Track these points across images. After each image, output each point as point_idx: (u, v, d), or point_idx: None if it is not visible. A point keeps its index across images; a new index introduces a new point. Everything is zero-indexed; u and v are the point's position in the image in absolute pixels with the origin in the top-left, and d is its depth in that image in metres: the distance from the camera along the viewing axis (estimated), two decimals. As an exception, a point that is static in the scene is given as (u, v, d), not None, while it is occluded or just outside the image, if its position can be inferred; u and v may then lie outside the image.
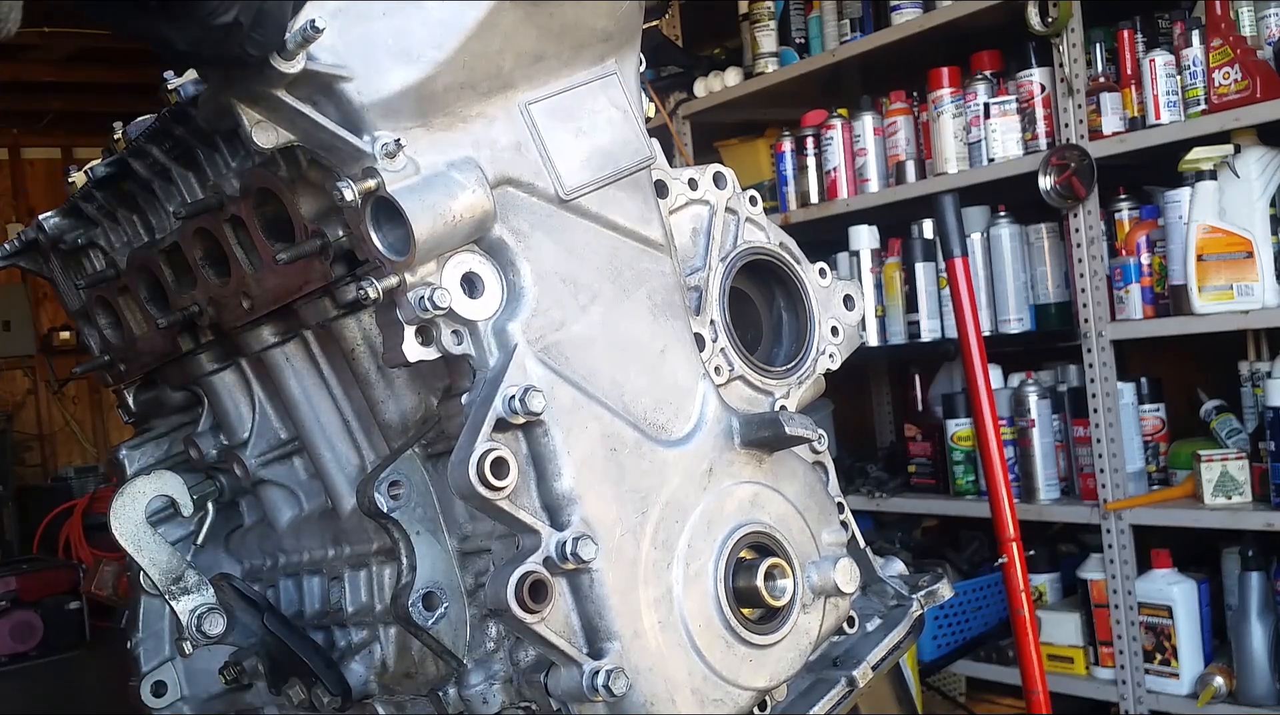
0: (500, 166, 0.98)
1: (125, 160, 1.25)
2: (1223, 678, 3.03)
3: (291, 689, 1.18)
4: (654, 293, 1.06)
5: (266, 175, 1.06)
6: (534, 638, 0.95)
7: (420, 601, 1.10)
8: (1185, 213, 2.98)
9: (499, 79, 0.99)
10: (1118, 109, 3.15)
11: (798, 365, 1.24)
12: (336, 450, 1.26)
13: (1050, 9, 3.15)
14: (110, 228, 1.36)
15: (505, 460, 0.94)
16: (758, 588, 1.03)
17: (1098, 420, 3.20)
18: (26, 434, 10.01)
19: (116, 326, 1.42)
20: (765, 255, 1.24)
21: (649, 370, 1.05)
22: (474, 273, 0.97)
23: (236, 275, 1.16)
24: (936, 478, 3.76)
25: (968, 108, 3.47)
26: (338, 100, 0.92)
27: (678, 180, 1.19)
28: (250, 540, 1.43)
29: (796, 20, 4.05)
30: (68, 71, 8.45)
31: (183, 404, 1.46)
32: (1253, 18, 2.96)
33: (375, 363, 1.17)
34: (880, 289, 3.77)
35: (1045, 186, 3.22)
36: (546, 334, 0.99)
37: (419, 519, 1.12)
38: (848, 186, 3.85)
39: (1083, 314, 3.26)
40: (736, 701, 1.03)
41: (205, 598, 1.23)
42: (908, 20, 3.56)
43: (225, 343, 1.29)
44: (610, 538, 0.97)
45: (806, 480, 1.13)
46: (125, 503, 1.28)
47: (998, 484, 2.47)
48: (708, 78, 4.24)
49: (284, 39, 0.86)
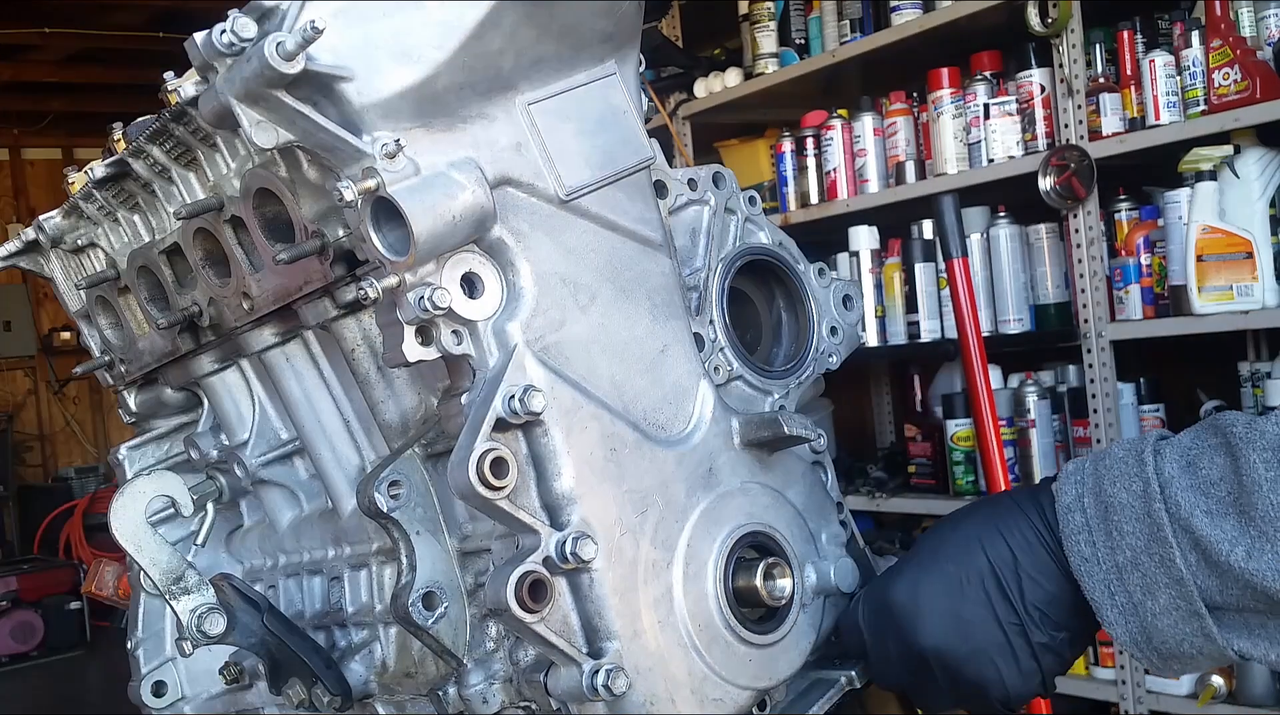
0: (500, 167, 0.98)
1: (125, 160, 1.25)
2: (1222, 678, 3.03)
3: (292, 689, 1.18)
4: (654, 293, 1.07)
5: (266, 175, 1.06)
6: (534, 637, 0.95)
7: (420, 601, 1.10)
8: (1185, 213, 2.98)
9: (499, 79, 0.99)
10: (1117, 109, 3.15)
11: (797, 365, 1.24)
12: (337, 450, 1.27)
13: (1050, 9, 3.15)
14: (110, 228, 1.36)
15: (505, 460, 0.94)
16: (757, 587, 1.03)
17: (1097, 421, 3.20)
18: (27, 434, 10.03)
19: (117, 327, 1.42)
20: (765, 255, 1.24)
21: (649, 370, 1.05)
22: (474, 273, 0.97)
23: (237, 276, 1.17)
24: (936, 478, 3.76)
25: (967, 108, 3.48)
26: (338, 100, 0.92)
27: (677, 180, 1.20)
28: (251, 540, 1.43)
29: (796, 21, 4.06)
30: (68, 71, 8.47)
31: (183, 404, 1.46)
32: (1253, 18, 2.96)
33: (375, 363, 1.17)
34: (880, 289, 3.77)
35: (1045, 187, 3.22)
36: (546, 334, 0.99)
37: (419, 519, 1.12)
38: (847, 187, 3.85)
39: (1082, 314, 3.26)
40: (736, 701, 1.03)
41: (205, 598, 1.23)
42: (908, 21, 3.56)
43: (225, 343, 1.29)
44: (610, 537, 0.97)
45: (806, 480, 1.14)
46: (125, 503, 1.28)
47: (998, 484, 2.47)
48: (708, 78, 4.24)
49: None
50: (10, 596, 7.28)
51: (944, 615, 0.95)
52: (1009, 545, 0.94)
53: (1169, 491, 0.86)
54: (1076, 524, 0.91)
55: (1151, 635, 0.89)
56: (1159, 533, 0.86)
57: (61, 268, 1.45)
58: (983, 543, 0.95)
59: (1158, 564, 0.86)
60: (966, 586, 0.94)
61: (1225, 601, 0.85)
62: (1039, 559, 0.94)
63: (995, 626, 0.94)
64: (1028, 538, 0.94)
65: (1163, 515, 0.86)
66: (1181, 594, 0.86)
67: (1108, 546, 0.89)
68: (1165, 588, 0.86)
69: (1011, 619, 0.94)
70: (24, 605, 7.31)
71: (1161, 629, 0.88)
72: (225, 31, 0.90)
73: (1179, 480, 0.86)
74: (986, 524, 0.96)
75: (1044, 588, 0.94)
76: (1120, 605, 0.89)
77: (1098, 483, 0.90)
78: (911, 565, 0.99)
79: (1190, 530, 0.85)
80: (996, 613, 0.94)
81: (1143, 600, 0.88)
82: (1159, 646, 0.89)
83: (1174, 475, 0.86)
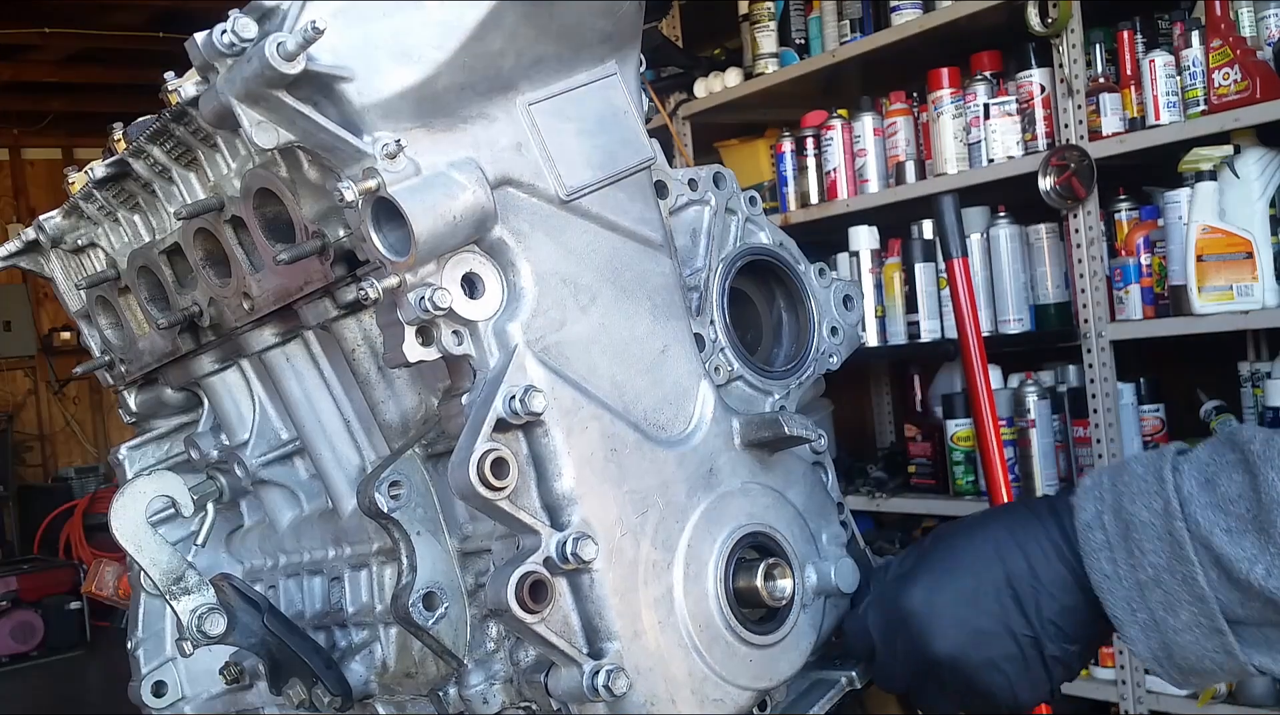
0: (500, 167, 0.98)
1: (125, 160, 1.25)
2: (1222, 678, 3.03)
3: (292, 689, 1.18)
4: (654, 293, 1.07)
5: (267, 175, 1.06)
6: (534, 638, 0.95)
7: (420, 602, 1.10)
8: (1185, 213, 2.98)
9: (499, 80, 0.99)
10: (1117, 109, 3.15)
11: (798, 366, 1.24)
12: (337, 450, 1.27)
13: (1050, 9, 3.15)
14: (110, 228, 1.36)
15: (505, 460, 0.94)
16: (757, 588, 1.03)
17: (1097, 421, 3.20)
18: (27, 434, 10.03)
19: (117, 327, 1.42)
20: (765, 256, 1.24)
21: (649, 371, 1.05)
22: (474, 273, 0.97)
23: (237, 276, 1.17)
24: (936, 478, 3.76)
25: (967, 108, 3.47)
26: (338, 101, 0.92)
27: (678, 181, 1.20)
28: (251, 540, 1.43)
29: (796, 21, 4.06)
30: (68, 71, 8.47)
31: (183, 404, 1.46)
32: (1253, 18, 2.96)
33: (376, 363, 1.17)
34: (880, 289, 3.77)
35: (1045, 187, 3.22)
36: (547, 334, 0.99)
37: (419, 519, 1.12)
38: (847, 187, 3.85)
39: (1082, 314, 3.26)
40: (736, 701, 1.03)
41: (206, 598, 1.23)
42: (908, 21, 3.56)
43: (226, 343, 1.29)
44: (610, 538, 0.97)
45: (807, 481, 1.14)
46: (126, 503, 1.28)
47: (998, 484, 2.47)
48: (708, 78, 4.24)
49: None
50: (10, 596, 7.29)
51: (960, 626, 0.95)
52: (1027, 558, 0.94)
53: (1189, 509, 0.86)
54: (1097, 541, 0.91)
55: (1173, 651, 0.90)
56: (1180, 551, 0.86)
57: (61, 268, 1.45)
58: (1000, 554, 0.95)
59: (1179, 581, 0.87)
60: (983, 598, 0.95)
61: (1246, 616, 0.86)
62: (1056, 573, 0.94)
63: (1010, 638, 0.95)
64: (1045, 551, 0.94)
65: (1184, 533, 0.86)
66: (1203, 611, 0.86)
67: (1129, 564, 0.89)
68: (1187, 605, 0.87)
69: (1026, 631, 0.94)
70: (24, 605, 7.32)
71: (1183, 645, 0.89)
72: (226, 32, 0.90)
73: (1198, 497, 0.86)
74: (1004, 535, 0.96)
75: (1059, 601, 0.94)
76: (1142, 622, 0.90)
77: (1117, 500, 0.90)
78: (925, 573, 0.99)
79: (1210, 548, 0.85)
80: (1011, 625, 0.94)
81: (1164, 617, 0.88)
82: (1180, 662, 0.90)
83: (1193, 492, 0.86)
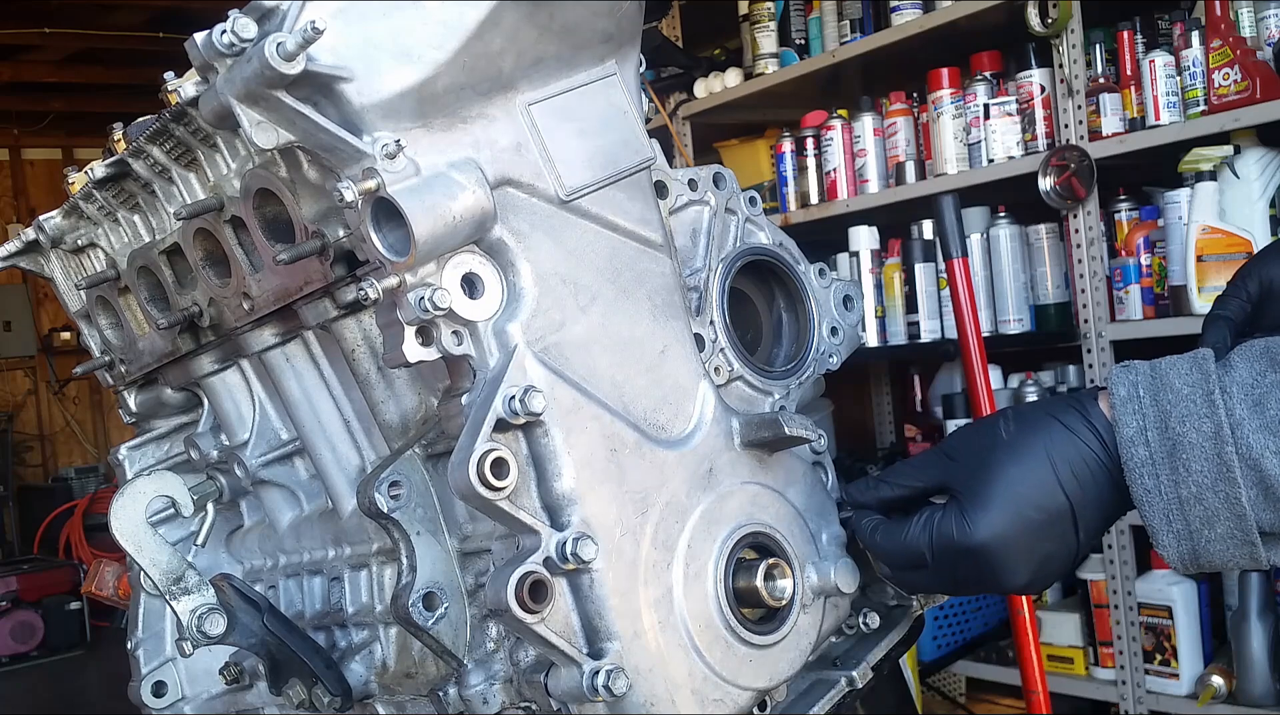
0: (500, 167, 0.98)
1: (125, 160, 1.25)
2: (1222, 678, 3.03)
3: (292, 689, 1.18)
4: (654, 293, 1.07)
5: (267, 176, 1.06)
6: (534, 638, 0.95)
7: (420, 602, 1.10)
8: (1185, 213, 2.98)
9: (499, 80, 0.99)
10: (1117, 110, 3.15)
11: (798, 366, 1.24)
12: (337, 451, 1.27)
13: (1050, 9, 3.15)
14: (110, 228, 1.36)
15: (505, 461, 0.94)
16: (758, 588, 1.03)
17: (1097, 421, 3.20)
18: (27, 434, 10.02)
19: (117, 327, 1.42)
20: (765, 256, 1.24)
21: (649, 371, 1.05)
22: (474, 273, 0.97)
23: (237, 276, 1.17)
24: (936, 478, 3.75)
25: (967, 108, 3.47)
26: (338, 101, 0.92)
27: (678, 181, 1.20)
28: (251, 541, 1.43)
29: (796, 21, 4.06)
30: (68, 71, 8.46)
31: (183, 404, 1.46)
32: (1253, 18, 2.96)
33: (375, 363, 1.17)
34: (880, 289, 3.77)
35: (1045, 187, 3.22)
36: (546, 335, 0.99)
37: (419, 519, 1.12)
38: (847, 187, 3.85)
39: (1082, 314, 3.26)
40: (736, 701, 1.03)
41: (206, 598, 1.23)
42: (908, 21, 3.56)
43: (226, 343, 1.29)
44: (610, 538, 0.97)
45: (807, 481, 1.14)
46: (126, 503, 1.28)
47: (997, 484, 2.47)
48: (708, 78, 4.24)
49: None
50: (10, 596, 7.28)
51: (1032, 559, 0.98)
52: (1080, 482, 0.97)
53: (1239, 432, 0.90)
54: (1140, 457, 0.94)
55: (1200, 556, 0.94)
56: (1228, 474, 0.90)
57: (61, 268, 1.45)
58: (1061, 483, 0.97)
59: (1222, 501, 0.90)
60: (1050, 528, 0.97)
61: (1274, 527, 0.91)
62: (1101, 488, 0.97)
63: (1070, 559, 1.00)
64: (1094, 472, 0.97)
65: (1233, 457, 0.89)
66: (1240, 526, 0.91)
67: (1171, 481, 0.92)
68: (1225, 520, 0.91)
69: (1075, 549, 0.99)
70: (24, 605, 7.31)
71: (1212, 552, 0.93)
72: (225, 32, 0.90)
73: (1249, 422, 0.90)
74: (1059, 460, 0.98)
75: (1104, 512, 0.98)
76: (1177, 531, 0.93)
77: (1161, 418, 0.93)
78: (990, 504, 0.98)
79: (1258, 469, 0.89)
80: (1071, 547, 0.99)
81: (1200, 529, 0.92)
82: (1204, 563, 0.95)
83: (1244, 417, 0.90)
